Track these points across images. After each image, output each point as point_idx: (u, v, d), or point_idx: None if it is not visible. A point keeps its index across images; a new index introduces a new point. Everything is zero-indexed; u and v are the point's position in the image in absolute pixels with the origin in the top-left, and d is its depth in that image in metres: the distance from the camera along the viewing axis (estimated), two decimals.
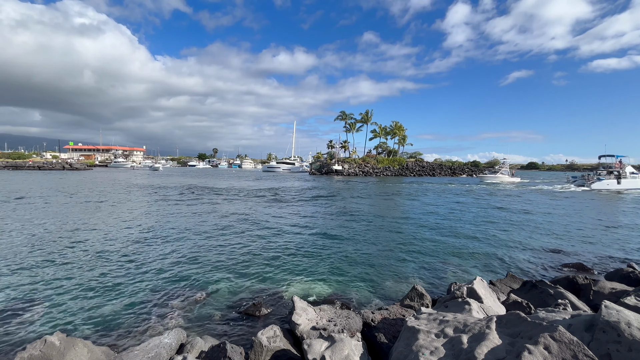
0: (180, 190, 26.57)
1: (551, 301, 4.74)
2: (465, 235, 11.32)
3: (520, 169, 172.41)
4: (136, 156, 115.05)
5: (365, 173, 65.36)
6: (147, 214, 14.63)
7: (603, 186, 35.00)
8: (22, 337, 4.44)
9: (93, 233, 10.52)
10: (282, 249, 9.13)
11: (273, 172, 79.40)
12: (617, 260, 8.55)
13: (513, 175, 51.87)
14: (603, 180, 35.54)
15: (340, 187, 34.22)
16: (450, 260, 8.45)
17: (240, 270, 7.34)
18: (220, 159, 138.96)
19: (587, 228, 13.12)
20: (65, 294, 5.83)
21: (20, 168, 62.43)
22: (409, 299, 5.17)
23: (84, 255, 8.16)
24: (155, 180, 40.41)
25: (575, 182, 39.43)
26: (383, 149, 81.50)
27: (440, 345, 2.80)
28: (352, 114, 78.41)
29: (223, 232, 11.15)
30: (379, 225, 13.19)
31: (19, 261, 7.55)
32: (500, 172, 51.29)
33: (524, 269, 7.91)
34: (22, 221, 12.12)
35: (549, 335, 2.44)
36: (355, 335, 3.93)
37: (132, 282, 6.50)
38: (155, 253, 8.50)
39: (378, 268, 7.69)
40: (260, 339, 3.62)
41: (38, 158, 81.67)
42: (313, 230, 11.94)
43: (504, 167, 52.68)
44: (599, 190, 33.53)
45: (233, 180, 44.67)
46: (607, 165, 38.52)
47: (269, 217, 14.66)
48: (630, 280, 5.98)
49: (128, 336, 4.55)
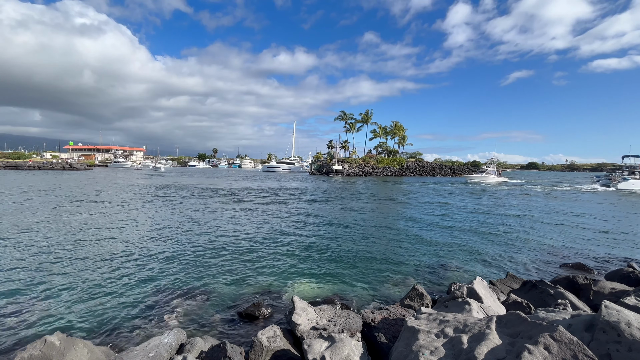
0: (180, 190, 26.57)
1: (551, 301, 4.74)
2: (465, 236, 11.32)
3: (520, 169, 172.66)
4: (136, 156, 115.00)
5: (365, 173, 65.33)
6: (147, 214, 14.62)
7: (629, 186, 34.95)
8: (22, 337, 4.44)
9: (93, 233, 10.52)
10: (281, 249, 9.13)
11: (273, 172, 79.37)
12: (618, 260, 8.55)
13: (500, 176, 51.79)
14: (629, 180, 35.52)
15: (340, 187, 34.22)
16: (450, 260, 8.45)
17: (240, 270, 7.34)
18: (220, 159, 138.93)
19: (590, 228, 13.12)
20: (66, 294, 5.83)
21: (20, 168, 62.42)
22: (409, 299, 5.17)
23: (84, 255, 8.15)
24: (156, 180, 40.41)
25: (599, 182, 39.39)
26: (383, 149, 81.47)
27: (440, 345, 2.80)
28: (352, 114, 78.41)
29: (223, 232, 11.15)
30: (378, 225, 13.19)
31: (20, 261, 7.55)
32: (487, 172, 51.22)
33: (524, 269, 7.91)
34: (23, 221, 12.12)
35: (549, 335, 2.44)
36: (355, 335, 3.93)
37: (133, 282, 6.50)
38: (155, 253, 8.50)
39: (378, 268, 7.69)
40: (260, 339, 3.62)
41: (38, 158, 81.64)
42: (313, 230, 11.94)
43: (491, 167, 52.59)
44: (625, 190, 33.43)
45: (233, 180, 44.66)
46: (630, 166, 38.51)
47: (268, 217, 14.66)
48: (630, 280, 5.98)
49: (128, 336, 4.55)
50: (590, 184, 40.93)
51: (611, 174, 40.18)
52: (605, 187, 36.42)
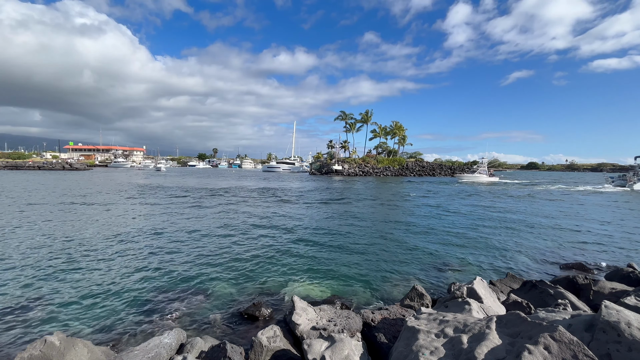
0: (180, 191, 26.57)
1: (551, 301, 4.74)
2: (465, 236, 11.32)
3: (520, 169, 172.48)
4: (136, 156, 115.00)
5: (365, 173, 65.31)
6: (147, 215, 14.62)
7: None
8: (22, 337, 4.44)
9: (93, 234, 10.52)
10: (281, 249, 9.13)
11: (273, 172, 79.38)
12: (618, 260, 8.55)
13: (491, 175, 52.41)
14: None
15: (340, 187, 34.21)
16: (450, 260, 8.45)
17: (241, 270, 7.34)
18: (220, 159, 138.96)
19: (592, 228, 13.12)
20: (66, 294, 5.83)
21: (20, 168, 62.42)
22: (409, 299, 5.17)
23: (84, 255, 8.15)
24: (157, 180, 40.40)
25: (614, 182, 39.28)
26: (383, 149, 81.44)
27: (440, 345, 2.80)
28: (352, 114, 78.44)
29: (222, 233, 11.15)
30: (378, 225, 13.19)
31: (20, 261, 7.55)
32: (478, 172, 51.69)
33: (524, 269, 7.91)
34: (23, 221, 12.11)
35: (549, 335, 2.44)
36: (355, 335, 3.93)
37: (132, 282, 6.50)
38: (155, 253, 8.50)
39: (378, 268, 7.69)
40: (260, 339, 3.62)
41: (38, 158, 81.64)
42: (312, 230, 11.94)
43: (482, 167, 53.02)
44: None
45: (233, 180, 44.65)
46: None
47: (268, 217, 14.66)
48: (630, 280, 5.98)
49: (128, 336, 4.55)
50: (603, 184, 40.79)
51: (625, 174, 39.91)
52: (620, 187, 36.35)
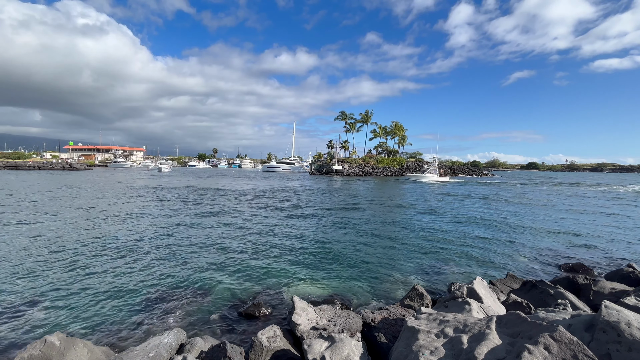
0: (180, 191, 26.56)
1: (551, 301, 4.74)
2: (465, 235, 11.31)
3: (520, 169, 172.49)
4: (136, 156, 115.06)
5: (365, 173, 65.29)
6: (147, 215, 14.62)
7: None
8: (22, 337, 4.43)
9: (93, 234, 10.52)
10: (281, 249, 9.13)
11: (273, 172, 79.35)
12: (618, 260, 8.55)
13: (442, 175, 54.09)
14: None
15: (340, 187, 34.20)
16: (450, 260, 8.44)
17: (240, 270, 7.34)
18: (220, 159, 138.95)
19: (594, 228, 13.12)
20: (66, 294, 5.83)
21: (20, 168, 62.40)
22: (409, 299, 5.17)
23: (84, 255, 8.15)
24: (158, 180, 40.40)
25: None
26: (383, 149, 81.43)
27: (440, 345, 2.80)
28: (352, 114, 78.44)
29: (222, 233, 11.15)
30: (378, 225, 13.19)
31: (20, 261, 7.55)
32: (428, 172, 52.90)
33: (524, 269, 7.91)
34: (24, 221, 12.11)
35: (549, 335, 2.44)
36: (355, 335, 3.93)
37: (133, 282, 6.49)
38: (155, 253, 8.50)
39: (378, 268, 7.69)
40: (260, 339, 3.62)
41: (38, 158, 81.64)
42: (312, 230, 11.94)
43: (432, 166, 54.34)
44: None
45: (233, 180, 44.64)
46: None
47: (268, 217, 14.65)
48: (630, 280, 5.98)
49: (128, 336, 4.55)
50: None
51: None
52: None
